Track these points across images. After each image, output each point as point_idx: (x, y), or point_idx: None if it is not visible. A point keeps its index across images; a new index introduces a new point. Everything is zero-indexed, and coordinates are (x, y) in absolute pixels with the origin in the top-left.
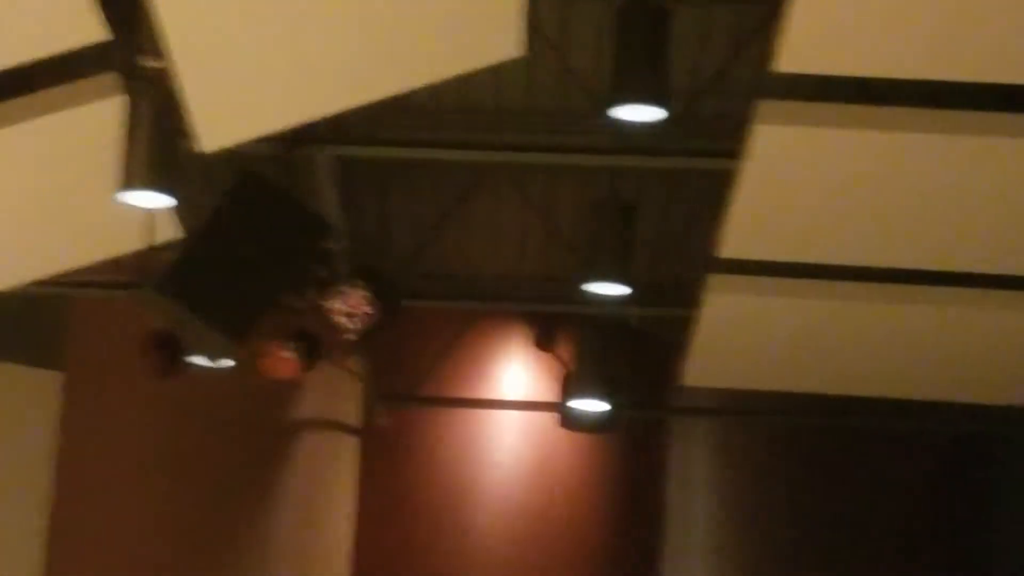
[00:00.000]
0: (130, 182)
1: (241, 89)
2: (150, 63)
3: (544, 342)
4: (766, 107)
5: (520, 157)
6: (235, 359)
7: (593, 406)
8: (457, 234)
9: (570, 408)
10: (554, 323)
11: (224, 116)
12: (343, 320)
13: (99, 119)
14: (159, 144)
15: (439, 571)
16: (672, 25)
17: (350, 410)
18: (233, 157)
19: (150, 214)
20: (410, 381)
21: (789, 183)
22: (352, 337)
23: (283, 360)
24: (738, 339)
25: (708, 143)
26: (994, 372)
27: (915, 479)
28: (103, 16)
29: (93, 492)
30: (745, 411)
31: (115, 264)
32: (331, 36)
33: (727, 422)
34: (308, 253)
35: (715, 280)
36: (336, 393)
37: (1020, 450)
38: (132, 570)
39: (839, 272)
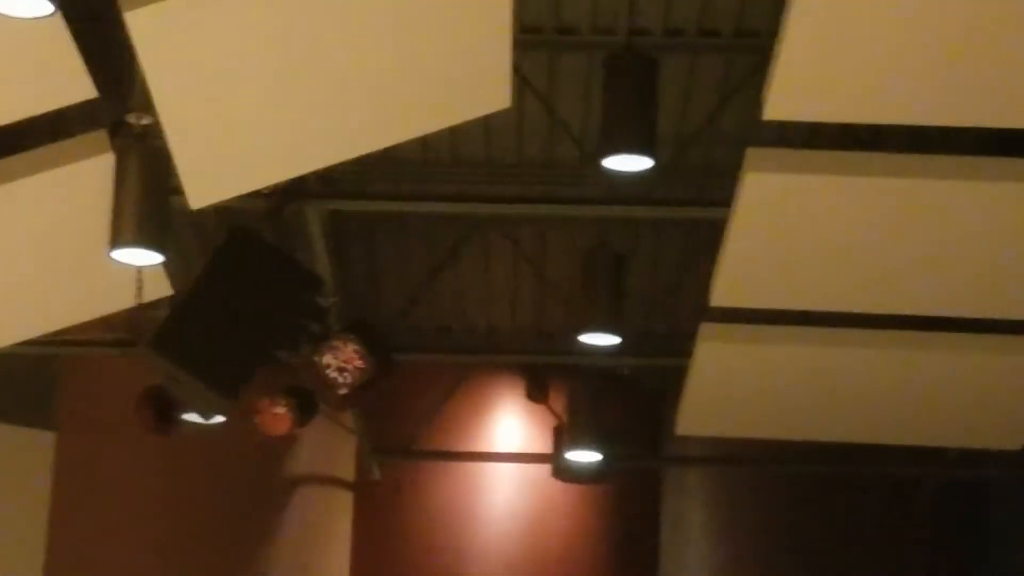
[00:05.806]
0: (120, 239)
1: (229, 144)
2: (138, 120)
3: (537, 394)
4: (754, 154)
5: (510, 209)
6: (228, 415)
7: (586, 457)
8: (449, 287)
9: (564, 459)
10: (547, 375)
11: (212, 172)
12: (335, 375)
13: (88, 177)
14: (148, 201)
15: None
16: (659, 75)
17: (345, 464)
18: (223, 213)
19: (140, 271)
20: (404, 435)
21: (779, 230)
22: (345, 392)
23: (276, 416)
24: (730, 387)
25: (697, 192)
26: (986, 417)
27: (908, 524)
28: (91, 74)
29: (86, 553)
30: (737, 459)
31: (105, 322)
32: (319, 90)
33: (720, 471)
34: (299, 308)
35: (707, 328)
36: (331, 447)
37: (1015, 493)
38: None
39: (830, 319)
